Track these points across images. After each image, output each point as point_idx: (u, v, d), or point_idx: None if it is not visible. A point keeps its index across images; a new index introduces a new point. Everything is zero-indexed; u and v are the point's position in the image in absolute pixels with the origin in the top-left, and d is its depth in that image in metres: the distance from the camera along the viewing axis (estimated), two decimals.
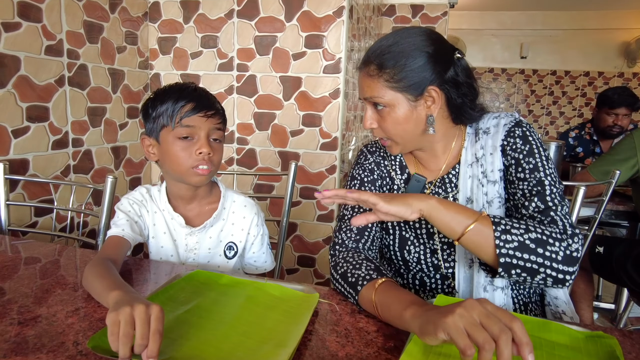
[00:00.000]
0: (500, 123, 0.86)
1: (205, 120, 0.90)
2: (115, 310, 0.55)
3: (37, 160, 1.44)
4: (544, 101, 5.51)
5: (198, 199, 1.01)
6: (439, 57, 0.79)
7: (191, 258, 1.01)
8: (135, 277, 0.85)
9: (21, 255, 0.95)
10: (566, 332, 0.67)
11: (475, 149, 0.87)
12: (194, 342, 0.61)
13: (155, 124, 0.92)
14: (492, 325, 0.49)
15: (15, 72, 1.34)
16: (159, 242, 1.00)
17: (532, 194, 0.78)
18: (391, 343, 0.63)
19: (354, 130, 2.28)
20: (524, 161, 0.80)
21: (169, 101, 0.90)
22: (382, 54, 0.79)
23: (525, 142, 0.82)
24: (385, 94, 0.80)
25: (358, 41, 2.15)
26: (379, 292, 0.69)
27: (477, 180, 0.85)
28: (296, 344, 0.59)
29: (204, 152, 0.90)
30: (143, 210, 0.99)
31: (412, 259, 0.90)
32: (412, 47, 0.78)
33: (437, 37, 0.81)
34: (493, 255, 0.70)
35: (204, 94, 0.94)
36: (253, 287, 0.79)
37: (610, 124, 2.34)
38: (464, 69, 0.83)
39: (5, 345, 0.58)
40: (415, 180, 0.90)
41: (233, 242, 1.05)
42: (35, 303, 0.71)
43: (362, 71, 0.83)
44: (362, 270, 0.75)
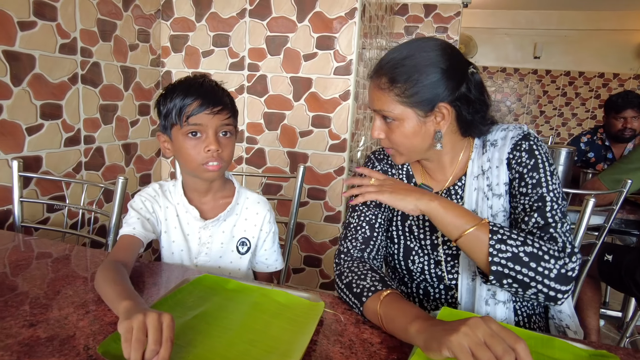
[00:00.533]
0: (508, 136, 0.85)
1: (212, 117, 0.90)
2: (128, 319, 0.56)
3: (50, 157, 1.46)
4: (557, 102, 5.44)
5: (212, 192, 1.02)
6: (453, 73, 0.78)
7: (204, 252, 1.02)
8: (146, 281, 0.87)
9: (34, 253, 0.97)
10: (570, 350, 0.67)
11: (482, 161, 0.86)
12: (200, 349, 0.62)
13: (166, 121, 0.94)
14: (496, 346, 0.50)
15: (30, 71, 1.36)
16: (171, 237, 1.01)
17: (532, 209, 0.78)
18: (394, 355, 0.64)
19: (364, 130, 2.27)
20: (528, 176, 0.80)
21: (176, 99, 0.90)
22: (395, 67, 0.78)
23: (530, 156, 0.81)
24: (395, 108, 0.79)
25: (370, 40, 2.14)
26: (383, 304, 0.69)
27: (482, 193, 0.84)
28: (301, 354, 0.60)
29: (212, 150, 0.90)
30: (155, 206, 1.00)
31: (416, 269, 0.91)
32: (426, 62, 0.77)
33: (452, 52, 0.80)
34: (486, 262, 0.71)
35: (211, 90, 0.93)
36: (259, 293, 0.80)
37: (620, 128, 2.31)
38: (477, 84, 0.81)
39: (18, 348, 0.60)
40: None
41: (246, 238, 1.06)
42: (47, 304, 0.73)
43: (373, 82, 0.83)
44: (367, 281, 0.76)
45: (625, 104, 2.27)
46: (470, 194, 0.86)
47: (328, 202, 1.91)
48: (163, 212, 1.01)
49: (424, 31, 2.97)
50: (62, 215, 1.51)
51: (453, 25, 2.93)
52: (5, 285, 0.79)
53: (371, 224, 0.91)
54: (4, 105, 1.29)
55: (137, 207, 0.98)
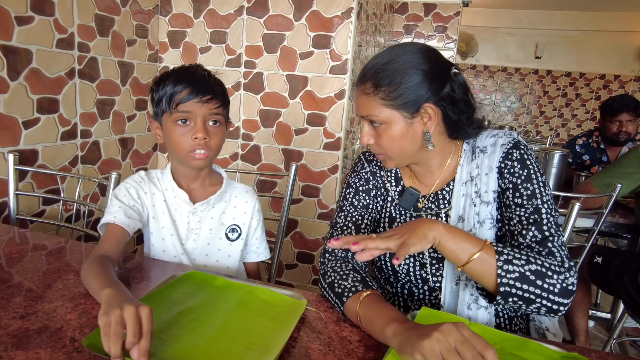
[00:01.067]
0: (498, 142, 0.85)
1: (200, 106, 0.92)
2: (106, 313, 0.58)
3: (46, 151, 1.48)
4: (557, 103, 5.44)
5: (201, 179, 1.04)
6: (435, 74, 0.80)
7: (192, 238, 1.02)
8: (134, 276, 0.89)
9: (27, 246, 0.99)
10: (543, 351, 0.69)
11: (471, 167, 0.87)
12: (183, 344, 0.64)
13: (157, 108, 0.95)
14: (466, 352, 0.52)
15: (27, 65, 1.37)
16: (159, 222, 1.01)
17: (529, 223, 0.79)
18: (371, 354, 0.66)
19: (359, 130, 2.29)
20: (522, 187, 0.80)
21: (167, 86, 0.92)
22: (378, 72, 0.79)
23: (523, 166, 0.82)
24: (382, 111, 0.80)
25: (367, 39, 2.15)
26: (363, 304, 0.71)
27: (470, 200, 0.85)
28: (279, 350, 0.62)
29: (199, 138, 0.92)
30: (140, 192, 1.00)
31: (401, 270, 0.92)
32: (408, 65, 0.78)
33: (433, 55, 0.81)
34: (494, 283, 0.71)
35: (202, 78, 0.94)
36: (245, 290, 0.82)
37: (615, 131, 2.33)
38: (461, 84, 0.83)
39: (7, 339, 0.62)
40: (409, 194, 0.92)
41: (236, 225, 1.07)
42: (37, 297, 0.75)
43: (358, 88, 0.84)
44: (349, 282, 0.77)
45: (621, 107, 2.28)
46: (458, 200, 0.87)
47: (322, 199, 1.93)
48: (149, 199, 1.01)
49: (424, 30, 2.98)
50: (57, 208, 1.53)
51: (452, 24, 2.93)
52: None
53: (357, 225, 0.93)
54: (1, 99, 1.30)
55: (120, 195, 0.97)
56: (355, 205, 0.95)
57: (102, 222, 0.93)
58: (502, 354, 0.68)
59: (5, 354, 0.59)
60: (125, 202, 0.96)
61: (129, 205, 0.96)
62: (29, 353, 0.59)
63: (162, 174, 1.04)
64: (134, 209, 0.96)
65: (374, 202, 0.97)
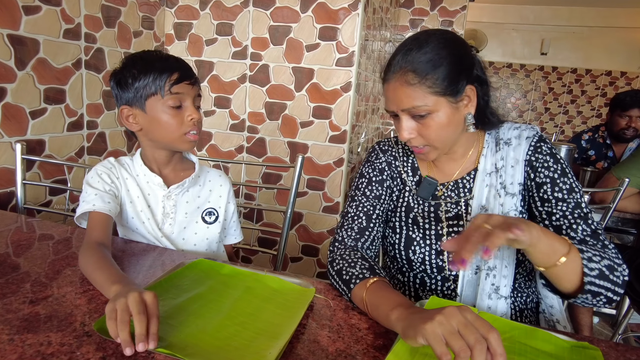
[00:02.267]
0: (522, 135, 0.87)
1: (191, 88, 0.95)
2: (112, 301, 0.60)
3: (53, 141, 1.48)
4: (562, 99, 5.40)
5: (173, 163, 1.04)
6: (466, 55, 0.81)
7: (168, 223, 1.02)
8: (142, 263, 0.89)
9: (35, 234, 0.99)
10: (553, 340, 0.69)
11: (496, 159, 0.88)
12: (193, 329, 0.64)
13: (138, 93, 0.93)
14: (469, 335, 0.51)
15: (34, 55, 1.37)
16: (137, 207, 1.01)
17: (574, 217, 0.80)
18: (380, 341, 0.66)
19: (365, 122, 2.28)
20: (560, 181, 0.82)
21: (153, 71, 0.91)
22: (419, 61, 0.78)
23: (555, 160, 0.83)
24: (429, 100, 0.79)
25: (373, 32, 2.14)
26: (369, 291, 0.71)
27: (494, 190, 0.86)
28: (289, 337, 0.62)
29: (195, 118, 0.94)
30: (112, 176, 0.99)
31: (416, 259, 0.91)
32: (444, 51, 0.79)
33: (458, 38, 0.83)
34: (579, 282, 0.71)
35: (185, 64, 0.97)
36: (252, 278, 0.83)
37: (623, 126, 2.31)
38: (480, 64, 0.84)
39: (18, 323, 0.62)
40: (427, 183, 0.91)
41: (213, 208, 1.09)
42: (47, 283, 0.75)
43: (395, 81, 0.80)
44: (356, 269, 0.78)
45: (633, 102, 2.26)
46: (481, 190, 0.87)
47: (327, 192, 1.93)
48: (123, 183, 1.00)
49: (429, 24, 2.96)
50: (64, 198, 1.53)
51: (458, 19, 2.91)
52: (7, 264, 0.82)
53: (368, 215, 0.92)
54: (8, 89, 1.31)
55: (93, 182, 0.96)
56: (368, 195, 0.94)
57: (80, 211, 0.91)
58: (510, 342, 0.68)
59: (17, 337, 0.59)
60: (100, 188, 0.95)
61: (104, 190, 0.95)
62: (40, 336, 0.60)
63: (132, 160, 1.03)
64: (110, 193, 0.96)
65: (387, 193, 0.96)
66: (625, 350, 0.69)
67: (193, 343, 0.61)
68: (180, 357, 0.57)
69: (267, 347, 0.60)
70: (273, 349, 0.59)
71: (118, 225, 1.05)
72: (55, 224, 1.07)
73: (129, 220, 1.01)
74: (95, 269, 0.74)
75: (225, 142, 2.03)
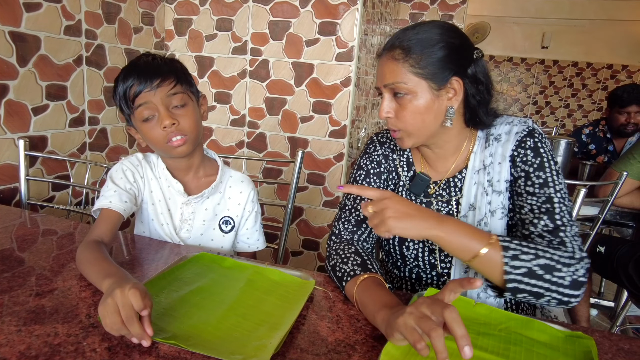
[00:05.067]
0: (512, 131, 0.84)
1: (154, 93, 0.87)
2: (102, 304, 0.59)
3: (55, 137, 1.50)
4: (563, 93, 5.39)
5: (193, 170, 1.01)
6: (463, 50, 0.80)
7: (185, 229, 1.01)
8: (145, 257, 0.91)
9: (40, 229, 1.01)
10: (547, 330, 0.70)
11: (484, 155, 0.86)
12: (195, 320, 0.66)
13: (124, 113, 0.92)
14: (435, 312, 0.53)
15: (35, 52, 1.38)
16: (157, 209, 1.00)
17: (540, 211, 0.78)
18: (379, 331, 0.67)
19: (365, 117, 2.29)
20: (534, 175, 0.80)
21: (119, 86, 0.88)
22: (409, 39, 0.78)
23: (536, 154, 0.81)
24: (410, 79, 0.78)
25: (373, 27, 2.14)
26: (359, 289, 0.72)
27: (482, 188, 0.85)
28: (289, 327, 0.64)
29: (167, 125, 0.87)
30: (137, 175, 0.97)
31: (409, 255, 0.92)
32: (438, 37, 0.78)
33: (461, 33, 0.82)
34: (501, 279, 0.70)
35: (145, 65, 0.89)
36: (253, 270, 0.84)
37: (623, 122, 2.31)
38: (482, 68, 0.82)
39: (25, 315, 0.64)
40: (420, 180, 0.90)
41: (229, 217, 1.06)
42: (52, 276, 0.77)
43: (384, 56, 0.81)
44: (348, 265, 0.78)
45: (631, 99, 2.25)
46: (469, 188, 0.86)
47: (327, 187, 1.94)
48: (147, 183, 0.99)
49: (429, 18, 2.95)
50: (66, 194, 1.55)
51: (459, 13, 2.90)
52: (13, 258, 0.83)
53: None
54: (11, 86, 1.32)
55: (116, 177, 0.95)
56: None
57: (98, 206, 0.90)
58: (507, 333, 0.69)
59: (25, 328, 0.61)
60: (122, 186, 0.93)
61: (125, 188, 0.93)
62: (47, 327, 0.61)
63: (158, 160, 1.01)
64: (130, 192, 0.94)
65: (384, 185, 0.96)
66: (618, 340, 0.70)
67: (196, 334, 0.62)
68: (183, 347, 0.58)
69: (268, 337, 0.62)
70: (274, 339, 0.61)
71: (137, 222, 1.04)
72: (59, 219, 1.09)
73: (149, 222, 1.01)
74: (87, 265, 0.74)
75: (226, 137, 2.04)
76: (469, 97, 0.82)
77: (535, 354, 0.64)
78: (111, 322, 0.57)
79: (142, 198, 0.99)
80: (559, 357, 0.64)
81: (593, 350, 0.64)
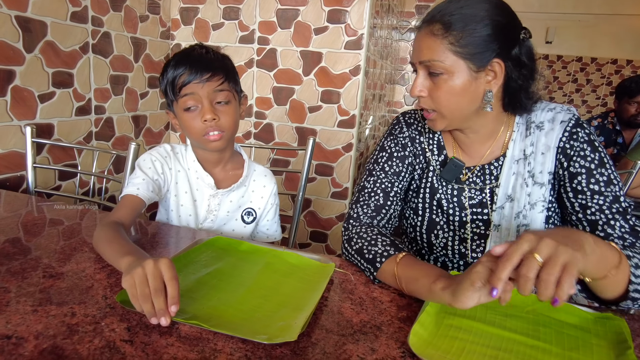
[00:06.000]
0: (557, 119, 0.79)
1: (202, 86, 0.88)
2: (128, 274, 0.58)
3: (62, 126, 1.48)
4: (567, 89, 5.36)
5: (223, 163, 1.03)
6: (509, 30, 0.74)
7: (209, 219, 1.03)
8: (158, 241, 0.89)
9: (50, 215, 0.99)
10: (576, 312, 0.68)
11: (525, 144, 0.81)
12: (215, 302, 0.64)
13: (167, 98, 0.94)
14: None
15: (42, 38, 1.36)
16: (180, 200, 1.01)
17: (612, 212, 0.74)
18: (404, 313, 0.65)
19: (372, 109, 2.27)
20: (597, 172, 0.76)
21: (169, 73, 0.90)
22: (452, 13, 0.73)
23: (593, 149, 0.77)
24: (447, 58, 0.73)
25: (381, 18, 2.12)
26: (401, 266, 0.70)
27: (521, 179, 0.81)
28: (313, 308, 0.62)
29: (208, 119, 0.89)
30: (165, 167, 0.98)
31: (438, 244, 0.89)
32: (484, 13, 0.72)
33: (509, 10, 0.76)
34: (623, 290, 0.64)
35: (198, 57, 0.90)
36: (271, 254, 0.82)
37: (633, 113, 2.29)
38: (528, 50, 0.76)
39: (41, 295, 0.62)
40: (453, 165, 0.85)
41: (252, 209, 1.07)
42: (65, 259, 0.75)
43: (423, 30, 0.76)
44: (379, 247, 0.76)
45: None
46: (507, 178, 0.82)
47: (335, 178, 1.92)
48: (174, 175, 1.00)
49: None
50: (73, 183, 1.53)
51: None
52: (23, 243, 0.81)
53: (386, 192, 0.89)
54: (17, 72, 1.30)
55: (145, 166, 0.95)
56: (387, 170, 0.90)
57: (125, 192, 0.90)
58: (535, 315, 0.67)
59: (41, 308, 0.59)
60: (150, 175, 0.94)
61: (152, 178, 0.94)
62: (64, 308, 0.59)
63: (186, 151, 1.02)
64: (157, 183, 0.95)
65: (407, 170, 0.91)
66: None
67: (217, 315, 0.60)
68: (205, 327, 0.56)
69: (292, 318, 0.60)
70: (298, 319, 0.59)
71: (160, 209, 1.05)
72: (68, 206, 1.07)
73: (169, 213, 1.02)
74: (106, 243, 0.73)
75: None
76: (510, 80, 0.76)
77: (566, 336, 0.62)
78: (141, 292, 0.56)
79: (167, 189, 1.00)
80: (591, 339, 0.62)
81: (626, 331, 0.62)
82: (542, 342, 0.60)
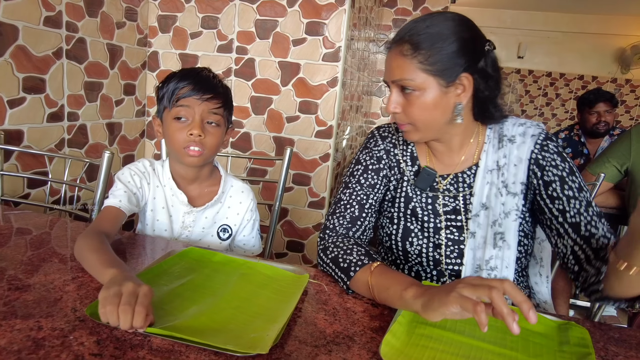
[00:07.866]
0: (528, 132, 0.84)
1: (200, 103, 0.92)
2: (106, 289, 0.58)
3: (32, 132, 1.44)
4: (538, 102, 5.56)
5: (199, 180, 1.04)
6: (474, 45, 0.78)
7: (184, 235, 1.04)
8: (131, 252, 0.87)
9: (17, 225, 0.96)
10: (541, 320, 0.71)
11: (498, 156, 0.85)
12: (188, 313, 0.63)
13: (160, 104, 0.96)
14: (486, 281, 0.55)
15: (13, 42, 1.33)
16: (156, 216, 1.02)
17: (589, 214, 0.78)
18: (377, 323, 0.66)
19: (350, 120, 2.30)
20: (569, 179, 0.80)
21: (171, 82, 0.94)
22: (418, 33, 0.76)
23: (562, 159, 0.82)
24: (417, 76, 0.76)
25: (358, 30, 2.16)
26: (375, 274, 0.71)
27: (495, 189, 0.84)
28: (286, 319, 0.62)
29: (194, 134, 0.91)
30: (144, 182, 1.00)
31: (413, 251, 0.90)
32: (449, 31, 0.76)
33: (472, 25, 0.80)
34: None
35: (206, 78, 0.95)
36: (246, 266, 0.82)
37: (594, 122, 2.40)
38: (493, 61, 0.81)
39: (5, 309, 0.60)
40: (426, 174, 0.89)
41: (227, 225, 1.08)
42: (32, 271, 0.73)
43: (393, 51, 0.79)
44: (354, 256, 0.77)
45: (598, 97, 2.37)
46: (482, 187, 0.85)
47: (313, 188, 1.93)
48: (152, 190, 1.01)
49: None
50: (43, 192, 1.48)
51: None
52: None
53: (361, 204, 0.90)
54: None
55: (125, 180, 0.97)
56: (362, 183, 0.92)
57: (108, 203, 0.92)
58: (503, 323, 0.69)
59: (5, 322, 0.57)
60: (129, 188, 0.96)
61: (131, 191, 0.96)
62: (30, 322, 0.58)
63: (162, 168, 1.03)
64: (135, 197, 0.97)
65: (382, 182, 0.93)
66: (608, 329, 0.72)
67: (189, 326, 0.60)
68: (176, 337, 0.56)
69: (265, 330, 0.60)
70: (271, 331, 0.59)
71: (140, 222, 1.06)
72: (35, 215, 1.04)
73: (145, 227, 1.03)
74: (91, 252, 0.72)
75: None
76: (478, 91, 0.80)
77: (531, 343, 0.65)
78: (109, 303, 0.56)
79: (145, 202, 1.01)
80: (554, 346, 0.65)
81: (587, 339, 0.65)
82: (508, 349, 0.62)
